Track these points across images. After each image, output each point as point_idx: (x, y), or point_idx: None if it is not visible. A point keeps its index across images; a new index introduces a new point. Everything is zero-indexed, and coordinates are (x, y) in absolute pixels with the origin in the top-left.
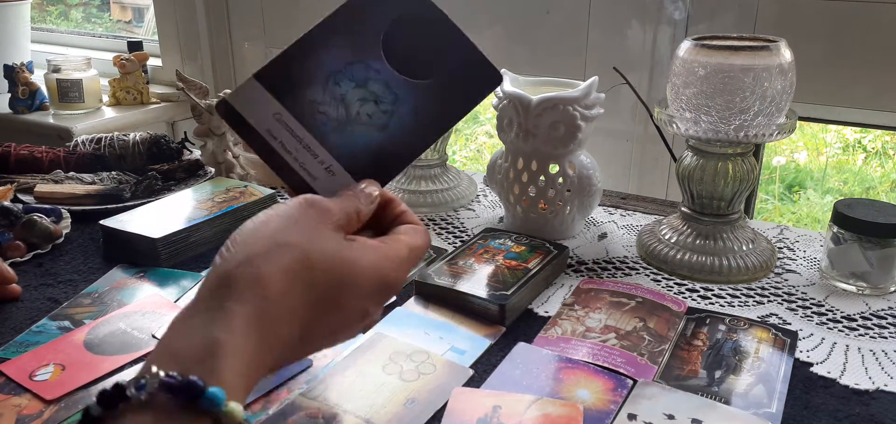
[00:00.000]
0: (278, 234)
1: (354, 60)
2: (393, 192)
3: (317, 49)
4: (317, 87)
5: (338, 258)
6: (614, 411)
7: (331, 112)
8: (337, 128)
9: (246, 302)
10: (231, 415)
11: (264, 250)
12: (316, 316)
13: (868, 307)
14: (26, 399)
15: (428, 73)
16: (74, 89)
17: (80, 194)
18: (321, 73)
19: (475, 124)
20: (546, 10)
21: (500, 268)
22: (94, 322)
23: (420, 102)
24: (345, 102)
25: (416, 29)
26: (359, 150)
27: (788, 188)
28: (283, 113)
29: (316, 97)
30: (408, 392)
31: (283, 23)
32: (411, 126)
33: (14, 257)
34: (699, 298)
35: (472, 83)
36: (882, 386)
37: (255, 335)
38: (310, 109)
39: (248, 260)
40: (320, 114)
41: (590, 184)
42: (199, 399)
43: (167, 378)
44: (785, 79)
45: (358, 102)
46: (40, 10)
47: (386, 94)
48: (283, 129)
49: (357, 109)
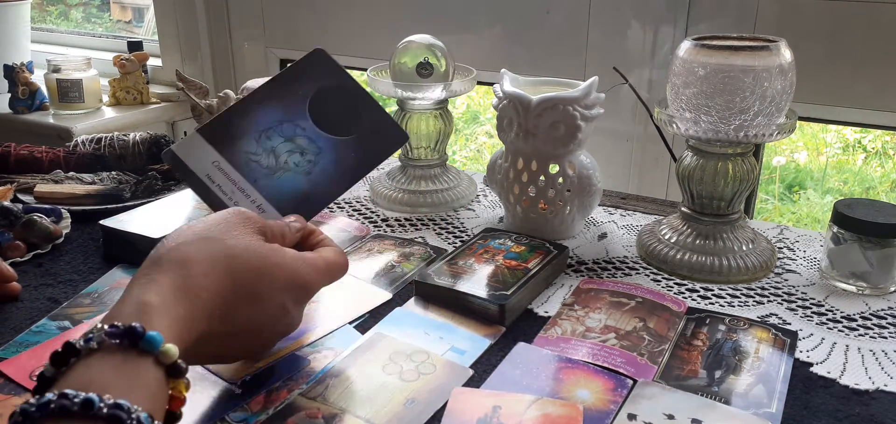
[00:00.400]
0: (205, 231)
1: (285, 119)
2: (393, 192)
3: (253, 110)
4: (251, 140)
5: (257, 252)
6: (614, 411)
7: (262, 161)
8: (267, 174)
9: (171, 274)
10: (167, 354)
11: (191, 240)
12: (236, 301)
13: (868, 307)
14: (26, 398)
15: (347, 131)
16: (74, 89)
17: (80, 194)
18: (255, 129)
19: (475, 124)
20: (546, 10)
21: (500, 268)
22: (90, 322)
23: (340, 155)
24: (274, 152)
25: (337, 96)
26: (286, 191)
27: (788, 188)
28: (221, 161)
29: (250, 149)
30: (408, 392)
31: (283, 23)
32: (332, 174)
33: (14, 257)
34: (699, 298)
35: (384, 141)
36: (882, 386)
37: (180, 302)
38: (244, 158)
39: (176, 247)
40: (253, 162)
41: (590, 184)
42: (140, 340)
43: (111, 329)
44: (785, 79)
45: (286, 153)
46: (40, 10)
47: (310, 147)
48: (220, 174)
49: (285, 158)
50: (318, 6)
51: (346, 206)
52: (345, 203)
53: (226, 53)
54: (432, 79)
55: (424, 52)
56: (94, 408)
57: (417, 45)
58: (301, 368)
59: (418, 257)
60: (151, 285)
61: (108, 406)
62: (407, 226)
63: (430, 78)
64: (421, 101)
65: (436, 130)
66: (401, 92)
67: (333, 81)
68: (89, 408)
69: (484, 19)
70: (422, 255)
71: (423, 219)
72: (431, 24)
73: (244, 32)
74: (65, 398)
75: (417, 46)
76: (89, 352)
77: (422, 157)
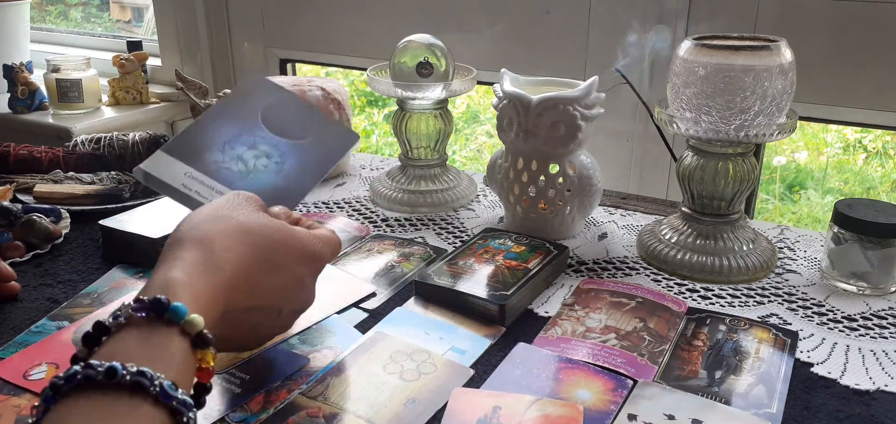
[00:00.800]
0: (218, 211)
1: (243, 132)
2: (393, 192)
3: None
4: (215, 151)
5: (269, 226)
6: (614, 411)
7: (233, 167)
8: (242, 176)
9: (194, 251)
10: (193, 323)
11: (207, 219)
12: (259, 272)
13: (868, 308)
14: (26, 398)
15: (302, 134)
16: (74, 89)
17: (80, 194)
18: (217, 142)
19: (475, 124)
20: (546, 10)
21: (500, 268)
22: (80, 322)
23: (302, 155)
24: (242, 159)
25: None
26: (263, 188)
27: (789, 188)
28: (192, 171)
29: (217, 159)
30: (408, 392)
31: (283, 23)
32: (301, 170)
33: (13, 258)
34: (699, 298)
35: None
36: (882, 387)
37: (204, 276)
38: (214, 167)
39: (195, 226)
40: (224, 169)
41: (590, 184)
42: (166, 312)
43: (136, 304)
44: (785, 79)
45: (253, 158)
46: (40, 10)
47: (274, 151)
48: (195, 181)
49: (254, 163)
50: (318, 6)
51: (346, 206)
52: (344, 203)
53: (225, 52)
54: (432, 79)
55: (424, 51)
56: (118, 376)
57: (417, 44)
58: (301, 367)
59: (418, 257)
60: (176, 262)
61: (131, 374)
62: (407, 226)
63: (430, 78)
64: (421, 100)
65: (436, 129)
66: (401, 92)
67: (276, 99)
68: (112, 376)
69: (484, 19)
70: (422, 255)
71: (423, 219)
72: (431, 24)
73: (244, 32)
74: (90, 368)
75: (417, 46)
76: (118, 328)
77: (422, 157)
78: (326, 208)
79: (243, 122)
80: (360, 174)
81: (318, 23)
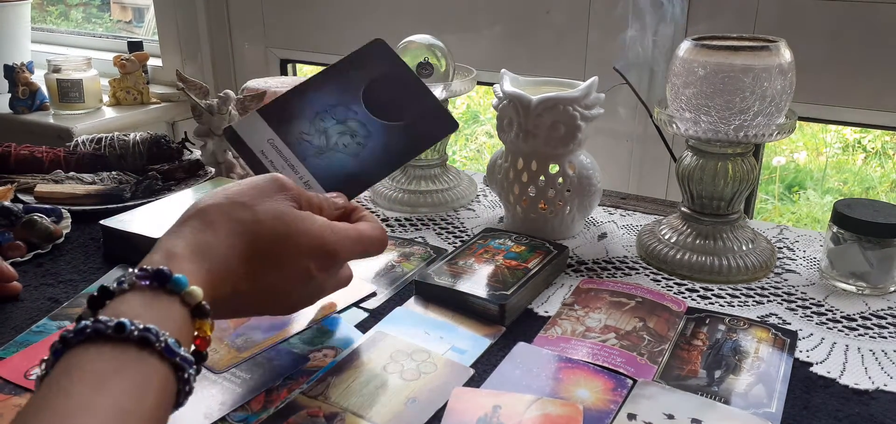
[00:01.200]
0: (239, 195)
1: (339, 103)
2: (393, 192)
3: (310, 92)
4: (305, 120)
5: (283, 219)
6: (614, 411)
7: (314, 140)
8: (317, 153)
9: (198, 230)
10: (192, 295)
11: (221, 203)
12: (260, 264)
13: (868, 307)
14: (26, 398)
15: (398, 117)
16: (75, 89)
17: (81, 194)
18: (310, 110)
19: (475, 124)
20: (546, 10)
21: (500, 268)
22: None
23: (389, 139)
24: (326, 133)
25: (392, 83)
26: (333, 170)
27: (788, 188)
28: (275, 138)
29: (303, 128)
30: (409, 391)
31: (283, 23)
32: (379, 156)
33: (14, 257)
34: (699, 298)
35: (434, 127)
36: (882, 386)
37: (203, 260)
38: (297, 137)
39: (205, 209)
40: (305, 140)
41: (590, 184)
42: (168, 282)
43: (141, 272)
44: (784, 79)
45: (337, 134)
46: (40, 11)
47: (361, 130)
48: (273, 150)
49: (335, 139)
50: (318, 6)
51: None
52: None
53: (226, 53)
54: (432, 79)
55: (424, 52)
56: (126, 331)
57: (417, 45)
58: (302, 367)
59: (418, 257)
60: (179, 238)
61: (139, 330)
62: (407, 226)
63: (430, 78)
64: None
65: None
66: None
67: (390, 70)
68: (121, 331)
69: (484, 19)
70: (422, 255)
71: (423, 219)
72: (431, 24)
73: (244, 33)
74: (99, 322)
75: (417, 46)
76: (122, 292)
77: (422, 157)
78: None
79: (344, 92)
80: None
81: (319, 23)
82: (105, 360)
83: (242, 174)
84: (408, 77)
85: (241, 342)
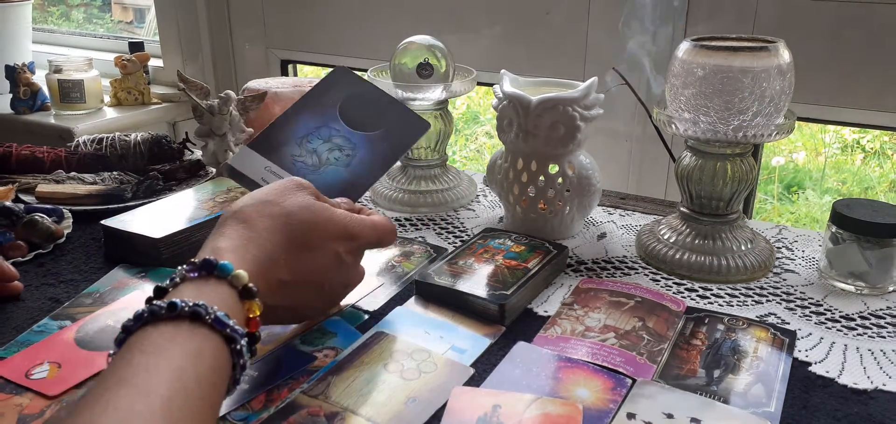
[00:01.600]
0: (265, 196)
1: (321, 125)
2: (393, 192)
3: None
4: (293, 145)
5: (310, 209)
6: (613, 410)
7: (307, 160)
8: (313, 169)
9: (238, 228)
10: (239, 277)
11: (251, 204)
12: (296, 252)
13: (866, 307)
14: (28, 398)
15: (375, 127)
16: (76, 90)
17: (82, 194)
18: (295, 136)
19: (475, 124)
20: (546, 11)
21: (500, 268)
22: (83, 320)
23: (373, 147)
24: (316, 152)
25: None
26: (331, 181)
27: (787, 188)
28: (271, 165)
29: (294, 152)
30: (408, 391)
31: (284, 23)
32: (369, 162)
33: (15, 257)
34: (698, 297)
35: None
36: (880, 386)
37: (248, 249)
38: (290, 160)
39: (239, 211)
40: (299, 162)
41: (589, 184)
42: (215, 269)
43: (188, 266)
44: (783, 79)
45: (326, 151)
46: (42, 11)
47: (346, 143)
48: (272, 175)
49: (326, 155)
50: (319, 7)
51: None
52: None
53: (227, 53)
54: (432, 79)
55: (424, 52)
56: (178, 309)
57: (417, 45)
58: (303, 366)
59: (418, 256)
60: (221, 238)
61: (190, 306)
62: (407, 226)
63: (430, 78)
64: (421, 101)
65: (436, 130)
66: (401, 92)
67: (357, 90)
68: (173, 309)
69: (484, 19)
70: (422, 255)
71: (423, 219)
72: (431, 25)
73: (245, 33)
74: (154, 305)
75: (417, 47)
76: (174, 286)
77: (422, 157)
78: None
79: (321, 115)
80: None
81: (319, 24)
82: (161, 333)
83: None
84: (374, 93)
85: None
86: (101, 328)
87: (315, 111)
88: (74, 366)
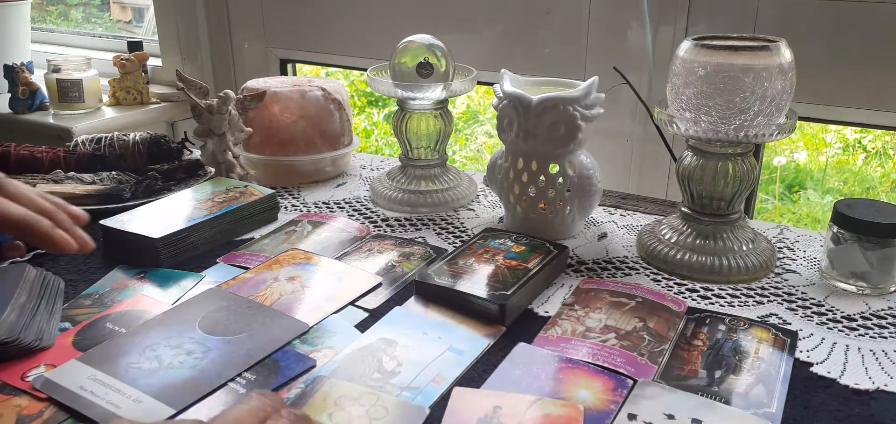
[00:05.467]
0: None
1: (172, 334)
2: (393, 192)
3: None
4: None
5: None
6: (614, 411)
7: (144, 366)
8: (151, 374)
9: None
10: None
11: None
12: None
13: (868, 307)
14: (26, 399)
15: (238, 332)
16: (74, 89)
17: (80, 194)
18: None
19: (475, 124)
20: (546, 10)
21: (500, 268)
22: (83, 325)
23: (230, 348)
24: (158, 358)
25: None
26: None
27: (788, 188)
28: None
29: (132, 361)
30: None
31: (283, 23)
32: (223, 362)
33: (14, 257)
34: (699, 298)
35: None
36: (882, 386)
37: None
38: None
39: None
40: (134, 369)
41: (590, 184)
42: None
43: None
44: (785, 79)
45: (171, 356)
46: (40, 10)
47: (198, 348)
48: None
49: (169, 360)
50: (318, 6)
51: (347, 206)
52: (345, 203)
53: (226, 53)
54: (432, 79)
55: (424, 52)
56: None
57: (417, 45)
58: (304, 368)
59: (418, 257)
60: None
61: None
62: (407, 226)
63: (430, 78)
64: (421, 101)
65: (436, 130)
66: (401, 92)
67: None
68: None
69: (484, 19)
70: (422, 255)
71: (423, 219)
72: (431, 24)
73: (244, 32)
74: None
75: (417, 46)
76: None
77: (422, 157)
78: (327, 208)
79: (179, 326)
80: (361, 174)
81: (319, 23)
82: None
83: (242, 174)
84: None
85: None
86: (99, 332)
87: (169, 326)
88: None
